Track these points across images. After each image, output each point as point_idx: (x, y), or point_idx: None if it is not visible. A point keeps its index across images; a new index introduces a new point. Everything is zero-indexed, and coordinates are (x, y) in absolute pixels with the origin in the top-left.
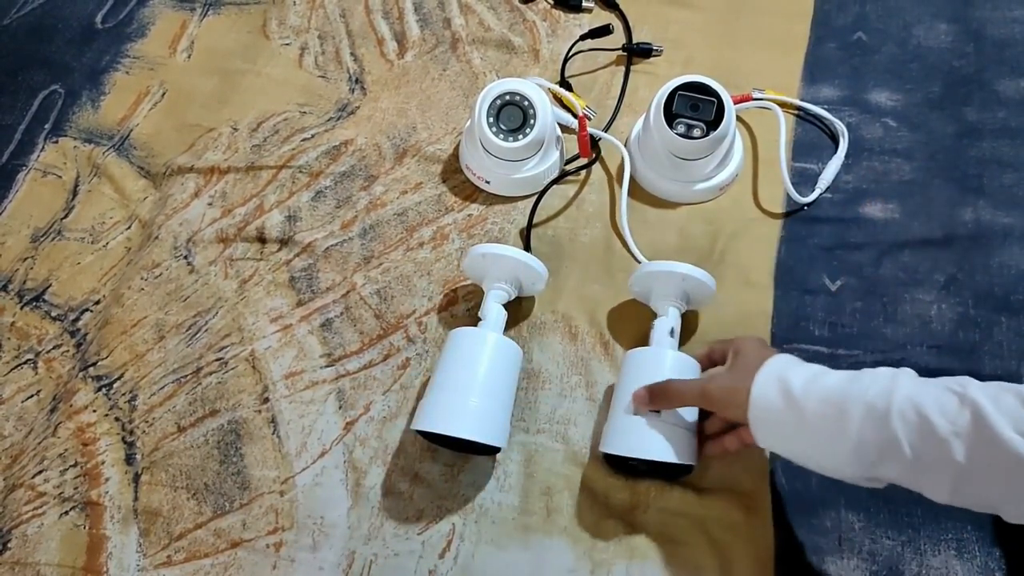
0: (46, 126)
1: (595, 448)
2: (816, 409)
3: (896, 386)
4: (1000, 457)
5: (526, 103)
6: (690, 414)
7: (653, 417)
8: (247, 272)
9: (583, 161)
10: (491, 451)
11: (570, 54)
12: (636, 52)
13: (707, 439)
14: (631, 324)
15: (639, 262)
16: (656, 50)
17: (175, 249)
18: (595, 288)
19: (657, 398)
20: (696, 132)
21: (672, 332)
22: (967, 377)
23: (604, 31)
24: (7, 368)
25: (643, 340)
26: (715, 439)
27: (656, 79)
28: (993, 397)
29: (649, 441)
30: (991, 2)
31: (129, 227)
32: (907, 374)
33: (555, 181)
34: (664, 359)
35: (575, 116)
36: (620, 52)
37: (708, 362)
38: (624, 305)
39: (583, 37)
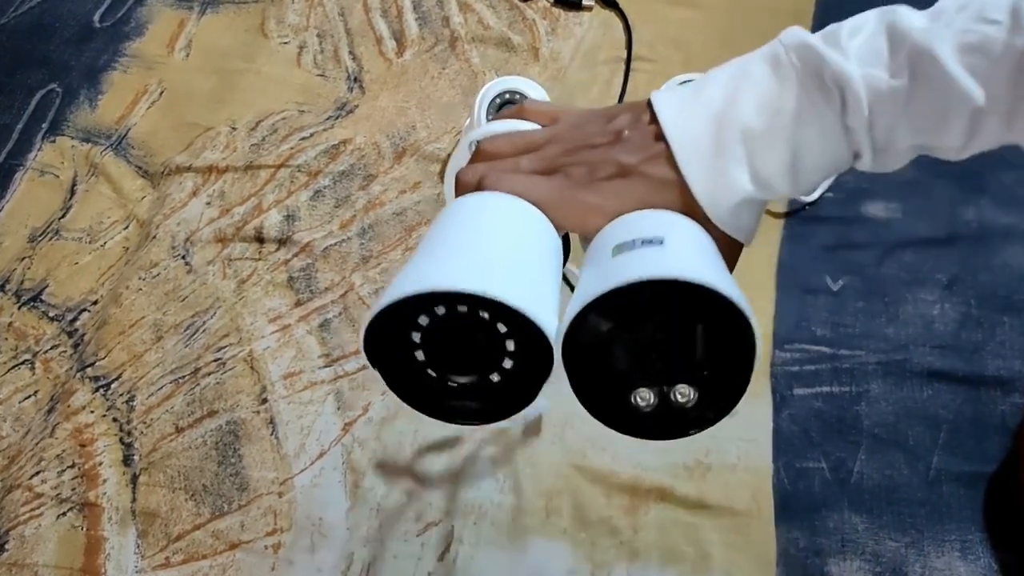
0: (43, 125)
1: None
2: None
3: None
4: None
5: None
6: None
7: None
8: (245, 272)
9: None
10: (519, 399)
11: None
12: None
13: None
14: None
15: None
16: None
17: (173, 249)
18: None
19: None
20: None
21: None
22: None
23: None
24: (4, 369)
25: None
26: None
27: (656, 79)
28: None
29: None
30: None
31: (127, 227)
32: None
33: None
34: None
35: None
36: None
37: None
38: None
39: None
